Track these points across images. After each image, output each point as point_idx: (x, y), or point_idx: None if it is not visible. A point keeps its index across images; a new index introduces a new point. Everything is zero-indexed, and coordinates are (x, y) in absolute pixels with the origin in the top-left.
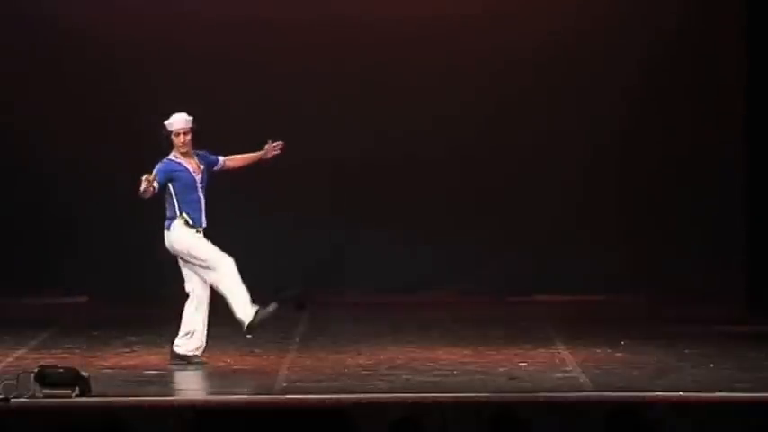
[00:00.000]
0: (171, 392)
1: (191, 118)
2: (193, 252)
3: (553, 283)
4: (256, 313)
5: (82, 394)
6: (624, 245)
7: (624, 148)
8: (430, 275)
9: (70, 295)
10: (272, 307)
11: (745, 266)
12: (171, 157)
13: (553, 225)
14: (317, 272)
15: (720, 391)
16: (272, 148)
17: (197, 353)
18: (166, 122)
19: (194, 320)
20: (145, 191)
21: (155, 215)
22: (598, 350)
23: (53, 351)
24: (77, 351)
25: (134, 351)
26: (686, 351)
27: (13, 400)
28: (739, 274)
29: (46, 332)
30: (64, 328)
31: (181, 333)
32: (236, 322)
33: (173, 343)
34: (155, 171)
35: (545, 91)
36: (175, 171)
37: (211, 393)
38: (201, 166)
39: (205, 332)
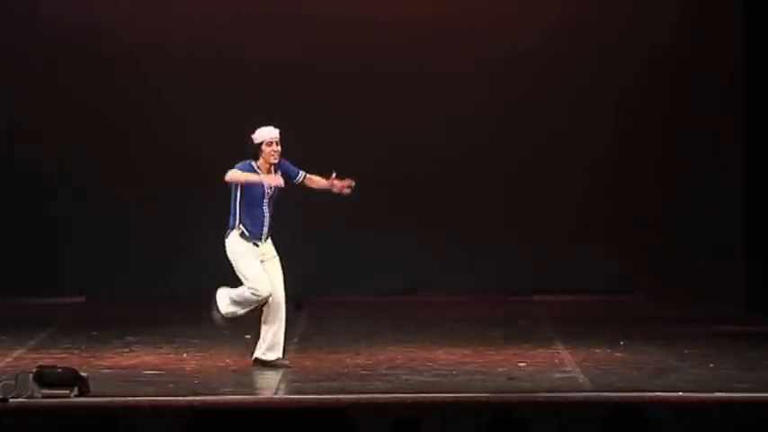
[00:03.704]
0: (170, 392)
1: (278, 129)
2: (236, 263)
3: (553, 283)
4: (224, 317)
5: (80, 394)
6: (624, 245)
7: (624, 148)
8: (430, 275)
9: (69, 295)
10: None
11: (745, 266)
12: (252, 163)
13: (553, 225)
14: (317, 272)
15: (720, 391)
16: (338, 186)
17: (278, 356)
18: (254, 135)
19: (269, 326)
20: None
21: (155, 216)
22: (597, 350)
23: (52, 351)
24: (76, 351)
25: (133, 351)
26: (686, 351)
27: (11, 400)
28: (739, 274)
29: (44, 332)
30: (62, 328)
31: (261, 338)
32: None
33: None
34: (242, 169)
35: (544, 92)
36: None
37: (210, 393)
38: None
39: (273, 333)
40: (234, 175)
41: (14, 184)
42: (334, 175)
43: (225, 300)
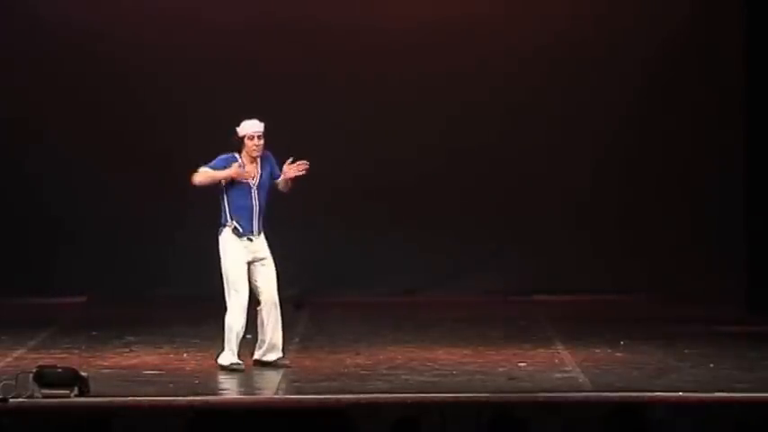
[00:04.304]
0: (170, 392)
1: (263, 123)
2: (222, 262)
3: (553, 283)
4: (230, 365)
5: (81, 394)
6: (624, 245)
7: (625, 149)
8: (430, 276)
9: (69, 295)
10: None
11: (745, 267)
12: (237, 155)
13: (553, 225)
14: (317, 272)
15: (720, 391)
16: (290, 169)
17: (278, 356)
18: (238, 128)
19: (266, 328)
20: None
21: (155, 215)
22: (597, 350)
23: (52, 351)
24: (76, 351)
25: (133, 351)
26: (686, 351)
27: (11, 400)
28: (739, 274)
29: (45, 332)
30: (63, 328)
31: (260, 339)
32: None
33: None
34: (223, 161)
35: (545, 93)
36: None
37: (210, 393)
38: (262, 172)
39: (271, 334)
40: (199, 177)
41: (14, 184)
42: (289, 160)
43: (224, 355)
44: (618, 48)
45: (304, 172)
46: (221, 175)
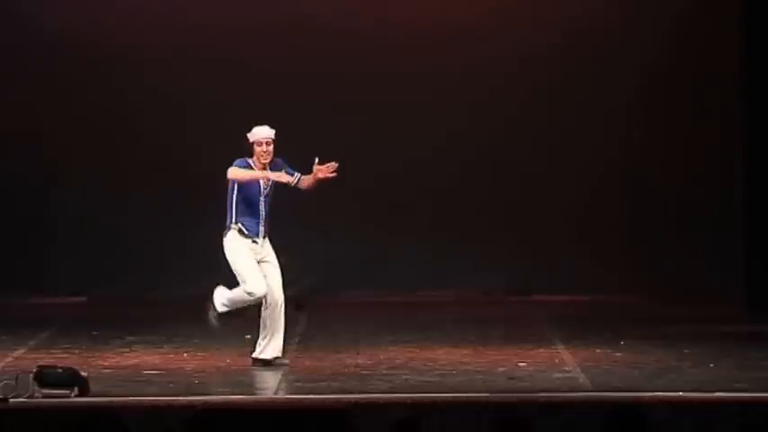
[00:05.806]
0: (170, 392)
1: (273, 130)
2: (231, 261)
3: (553, 283)
4: (219, 315)
5: (81, 394)
6: (624, 245)
7: (626, 149)
8: (430, 275)
9: (69, 295)
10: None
11: (745, 267)
12: (249, 161)
13: (554, 225)
14: (317, 272)
15: (720, 391)
16: (323, 172)
17: (277, 355)
18: (249, 133)
19: (269, 327)
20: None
21: (155, 215)
22: (598, 350)
23: (52, 351)
24: (76, 351)
25: (133, 351)
26: (686, 351)
27: (11, 400)
28: (739, 274)
29: (45, 332)
30: (63, 328)
31: (260, 338)
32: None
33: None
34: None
35: (548, 94)
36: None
37: (210, 393)
38: (272, 181)
39: (272, 333)
40: (236, 172)
41: (15, 185)
42: (316, 160)
43: (220, 299)
44: (618, 49)
45: (334, 174)
46: (258, 175)
